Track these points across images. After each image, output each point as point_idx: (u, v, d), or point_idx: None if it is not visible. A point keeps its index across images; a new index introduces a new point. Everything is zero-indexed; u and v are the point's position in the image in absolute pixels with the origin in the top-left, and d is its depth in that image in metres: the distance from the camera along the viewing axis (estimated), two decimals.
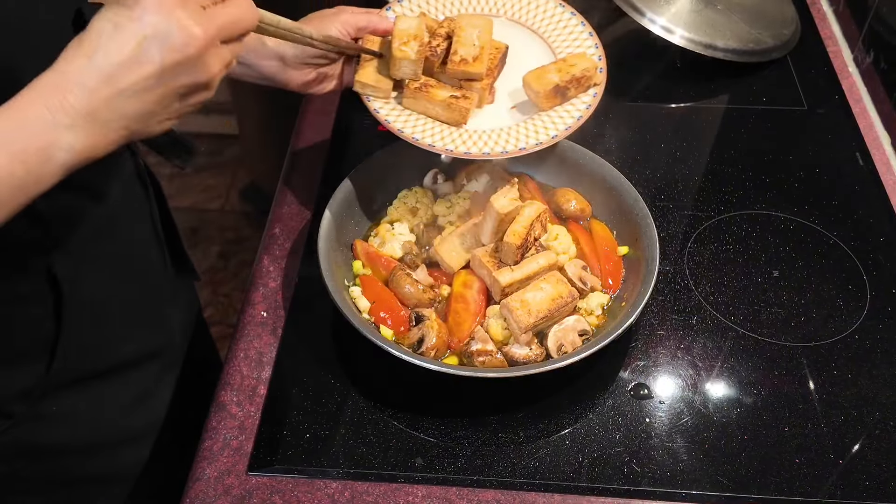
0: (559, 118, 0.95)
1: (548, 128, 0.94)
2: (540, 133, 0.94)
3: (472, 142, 0.93)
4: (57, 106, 0.59)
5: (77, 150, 0.60)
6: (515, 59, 1.01)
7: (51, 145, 0.59)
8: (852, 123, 1.24)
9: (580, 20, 1.02)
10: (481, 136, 0.94)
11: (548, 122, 0.95)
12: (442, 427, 0.87)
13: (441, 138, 0.93)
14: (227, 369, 0.93)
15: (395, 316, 0.91)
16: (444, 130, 0.94)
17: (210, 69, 0.63)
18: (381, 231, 1.01)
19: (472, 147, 0.93)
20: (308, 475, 0.83)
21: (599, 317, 0.93)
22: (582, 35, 1.02)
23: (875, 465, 0.84)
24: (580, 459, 0.84)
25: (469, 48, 0.95)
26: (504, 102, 0.99)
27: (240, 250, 2.45)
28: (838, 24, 1.44)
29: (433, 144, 0.92)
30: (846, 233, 1.08)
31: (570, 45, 1.01)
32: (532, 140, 0.93)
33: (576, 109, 0.96)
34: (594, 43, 1.00)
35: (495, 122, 0.97)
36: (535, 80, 0.95)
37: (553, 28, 1.03)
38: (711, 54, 1.27)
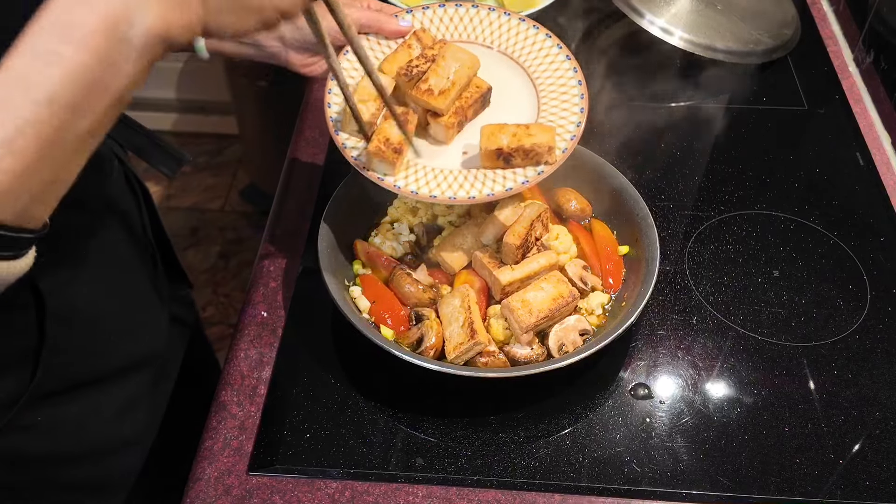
0: (491, 182, 0.88)
1: (474, 186, 0.88)
2: (462, 189, 0.87)
3: (413, 179, 0.89)
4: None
5: (150, 28, 0.53)
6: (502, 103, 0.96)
7: (121, 22, 0.52)
8: (853, 123, 1.24)
9: (578, 79, 0.94)
10: (425, 173, 0.90)
11: (481, 180, 0.89)
12: (442, 427, 0.87)
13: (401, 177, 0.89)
14: (228, 369, 0.93)
15: (395, 316, 0.91)
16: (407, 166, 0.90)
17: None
18: (381, 230, 1.01)
19: (409, 184, 0.88)
20: (308, 475, 0.83)
21: (600, 316, 0.93)
22: (574, 106, 0.93)
23: (875, 465, 0.84)
24: (580, 459, 0.84)
25: (441, 80, 0.90)
26: (461, 145, 0.93)
27: (240, 250, 2.45)
28: (838, 23, 1.44)
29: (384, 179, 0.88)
30: (846, 233, 1.08)
31: (557, 111, 0.93)
32: (448, 193, 0.87)
33: (510, 181, 0.88)
34: (578, 121, 0.91)
35: (442, 163, 0.91)
36: (486, 137, 0.88)
37: (552, 84, 0.96)
38: (711, 55, 1.27)
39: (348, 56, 0.96)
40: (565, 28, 1.39)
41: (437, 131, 0.92)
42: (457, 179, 0.89)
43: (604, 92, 1.29)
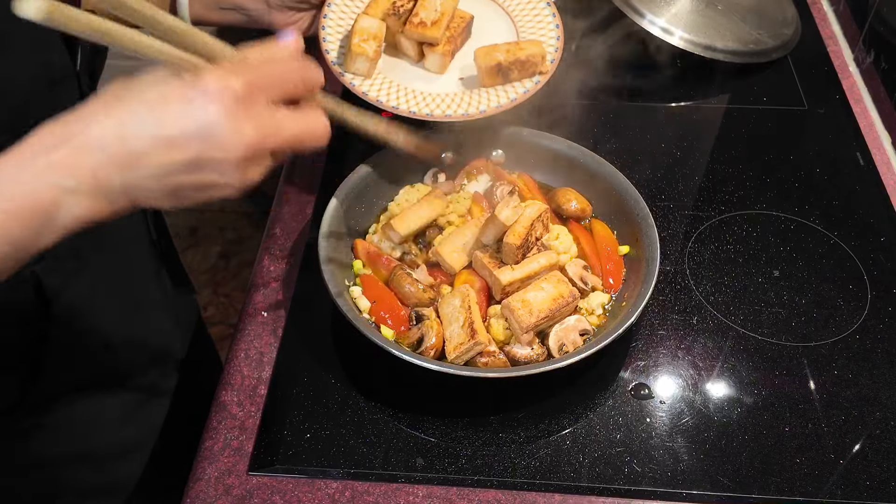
0: (496, 96, 0.99)
1: (481, 102, 0.98)
2: (472, 105, 0.98)
3: (423, 103, 0.98)
4: (65, 163, 0.54)
5: (78, 215, 0.56)
6: (481, 33, 1.06)
7: (53, 207, 0.54)
8: (853, 123, 1.24)
9: (552, 10, 1.06)
10: (431, 98, 0.99)
11: (484, 97, 0.99)
12: (442, 427, 0.87)
13: (390, 97, 0.97)
14: (228, 369, 0.92)
15: (395, 316, 0.91)
16: (401, 91, 0.99)
17: (245, 177, 0.58)
18: (381, 229, 1.01)
19: (421, 108, 0.97)
20: (309, 475, 0.83)
21: (600, 316, 0.93)
22: (549, 24, 1.05)
23: (876, 465, 0.84)
24: (581, 459, 0.84)
25: (430, 12, 0.98)
26: (456, 72, 1.04)
27: (240, 250, 2.45)
28: (839, 23, 1.44)
29: (380, 100, 0.96)
30: (847, 233, 1.08)
31: (535, 31, 1.05)
32: (460, 110, 0.97)
33: (514, 91, 0.99)
34: (557, 35, 1.04)
35: (441, 89, 1.01)
36: (482, 56, 0.98)
37: (523, 10, 1.07)
38: (711, 56, 1.27)
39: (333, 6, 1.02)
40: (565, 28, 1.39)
41: (433, 62, 1.01)
42: (461, 97, 0.99)
43: (604, 91, 1.29)
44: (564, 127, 1.10)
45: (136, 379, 0.94)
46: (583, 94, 1.28)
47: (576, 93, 1.29)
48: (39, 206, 0.54)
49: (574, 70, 1.34)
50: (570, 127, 1.12)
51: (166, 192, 0.58)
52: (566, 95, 1.27)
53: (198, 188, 0.58)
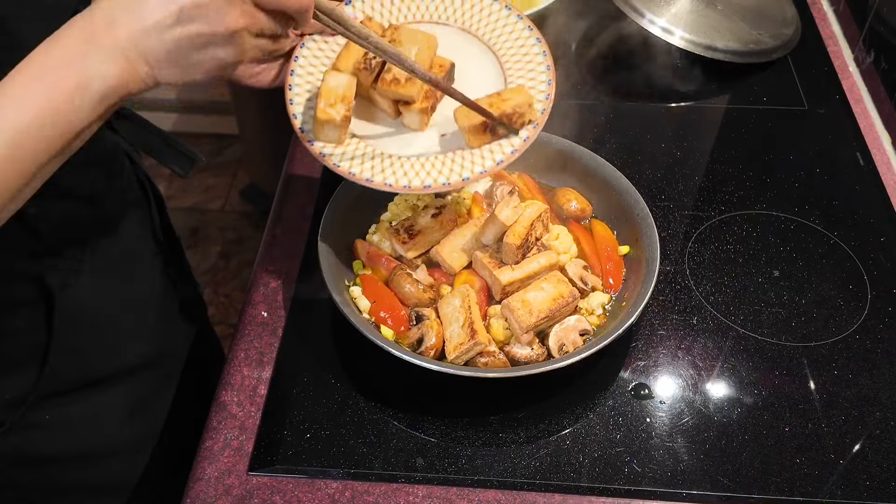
0: (480, 158, 0.87)
1: (464, 168, 0.86)
2: (454, 172, 0.86)
3: (401, 172, 0.87)
4: (88, 38, 0.61)
5: (109, 81, 0.62)
6: (464, 77, 0.93)
7: (84, 74, 0.61)
8: (853, 123, 1.24)
9: (537, 37, 0.92)
10: (409, 165, 0.88)
11: (468, 159, 0.87)
12: (442, 427, 0.87)
13: (364, 167, 0.87)
14: (228, 369, 0.93)
15: (395, 316, 0.91)
16: (375, 160, 0.88)
17: (226, 21, 0.63)
18: (380, 229, 1.01)
19: (398, 178, 0.86)
20: (308, 475, 0.83)
21: (600, 316, 0.93)
22: (537, 57, 0.92)
23: (876, 465, 0.84)
24: (581, 459, 0.84)
25: None
26: (437, 127, 0.92)
27: (240, 250, 2.45)
28: (839, 23, 1.44)
29: (352, 172, 0.87)
30: (847, 233, 1.08)
31: (523, 71, 0.91)
32: (441, 178, 0.86)
33: (500, 152, 0.87)
34: (548, 78, 0.90)
35: (421, 148, 0.90)
36: (462, 117, 0.87)
37: (509, 46, 0.94)
38: (711, 55, 1.27)
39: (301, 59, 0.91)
40: (566, 28, 1.40)
41: (411, 119, 0.90)
42: (442, 162, 0.87)
43: (604, 91, 1.29)
44: (564, 127, 1.10)
45: (141, 377, 0.94)
46: (583, 94, 1.29)
47: (576, 93, 1.29)
48: (74, 76, 0.61)
49: (574, 70, 1.34)
50: (570, 127, 1.12)
51: (171, 53, 0.63)
52: (566, 95, 1.27)
53: (193, 43, 0.63)
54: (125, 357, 0.92)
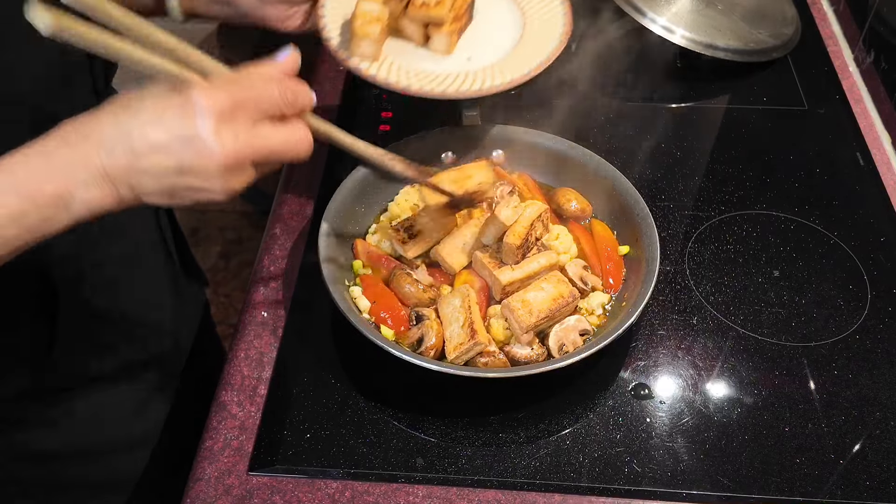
0: (510, 71, 0.96)
1: (495, 77, 0.95)
2: (485, 81, 0.95)
3: (427, 81, 0.94)
4: (82, 160, 0.61)
5: (89, 204, 0.62)
6: (484, 15, 1.03)
7: (67, 194, 0.61)
8: (853, 123, 1.24)
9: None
10: (442, 77, 0.96)
11: (498, 72, 0.96)
12: (442, 427, 0.87)
13: (400, 78, 0.94)
14: (228, 369, 0.92)
15: (395, 316, 0.91)
16: (410, 72, 0.95)
17: (225, 185, 0.64)
18: (381, 229, 1.01)
19: (434, 87, 0.93)
20: (309, 475, 0.83)
21: (600, 316, 0.93)
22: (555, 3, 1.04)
23: (876, 465, 0.84)
24: (581, 459, 0.84)
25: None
26: (463, 52, 1.00)
27: (240, 250, 2.45)
28: (839, 23, 1.44)
29: (398, 82, 0.93)
30: (847, 233, 1.08)
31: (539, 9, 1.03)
32: (475, 85, 0.94)
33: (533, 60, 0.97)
34: (563, 11, 1.04)
35: (450, 68, 0.98)
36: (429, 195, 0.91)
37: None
38: (712, 54, 1.27)
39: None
40: None
41: (439, 42, 0.98)
42: (473, 75, 0.95)
43: (604, 91, 1.29)
44: (564, 127, 1.10)
45: (143, 374, 0.95)
46: (583, 94, 1.28)
47: (576, 92, 1.29)
48: (56, 192, 0.61)
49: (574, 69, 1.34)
50: (571, 127, 1.12)
51: (163, 191, 0.64)
52: (566, 95, 1.27)
53: (188, 190, 0.64)
54: (129, 354, 0.92)
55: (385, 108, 1.23)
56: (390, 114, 1.22)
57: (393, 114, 1.22)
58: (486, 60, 0.99)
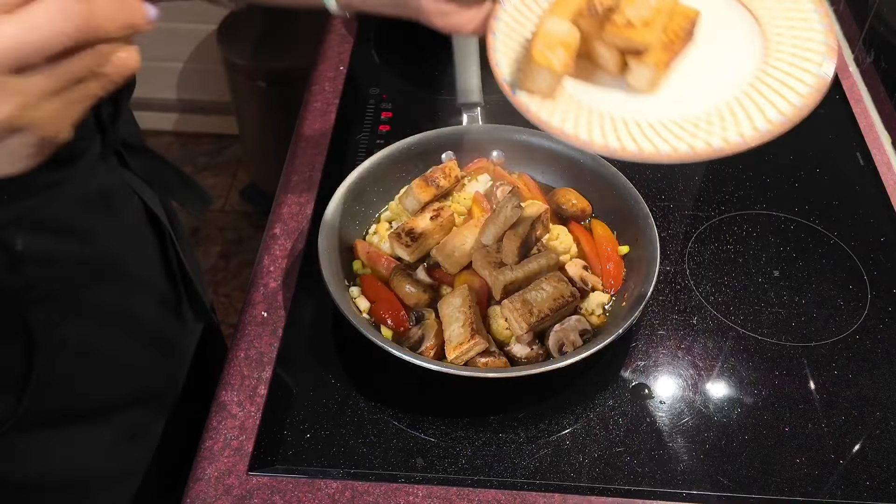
0: (733, 123, 0.65)
1: (712, 132, 0.64)
2: (698, 137, 0.64)
3: (613, 133, 0.67)
4: None
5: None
6: (711, 38, 0.73)
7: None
8: (853, 123, 1.24)
9: (816, 5, 0.74)
10: (627, 125, 0.68)
11: (717, 125, 0.65)
12: (442, 427, 0.87)
13: (580, 125, 0.68)
14: (228, 369, 0.92)
15: (395, 316, 0.91)
16: (594, 118, 0.69)
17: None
18: (380, 229, 1.01)
19: (610, 139, 0.66)
20: (309, 475, 0.83)
21: (600, 316, 0.93)
22: (814, 22, 0.73)
23: (876, 466, 0.84)
24: (581, 459, 0.84)
25: (640, 8, 0.68)
26: (670, 90, 0.71)
27: (240, 250, 2.45)
28: (839, 23, 1.44)
29: (577, 134, 0.67)
30: (847, 233, 1.08)
31: (790, 33, 0.73)
32: (682, 145, 0.64)
33: (770, 113, 0.65)
34: (824, 38, 0.71)
35: (649, 114, 0.69)
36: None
37: (773, 7, 0.74)
38: None
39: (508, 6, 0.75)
40: None
41: (639, 76, 0.69)
42: (680, 127, 0.66)
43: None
44: None
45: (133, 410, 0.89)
46: None
47: None
48: None
49: None
50: None
51: None
52: None
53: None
54: (116, 392, 0.86)
55: (385, 108, 1.23)
56: (390, 114, 1.22)
57: (393, 114, 1.22)
58: (705, 103, 0.68)
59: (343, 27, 1.40)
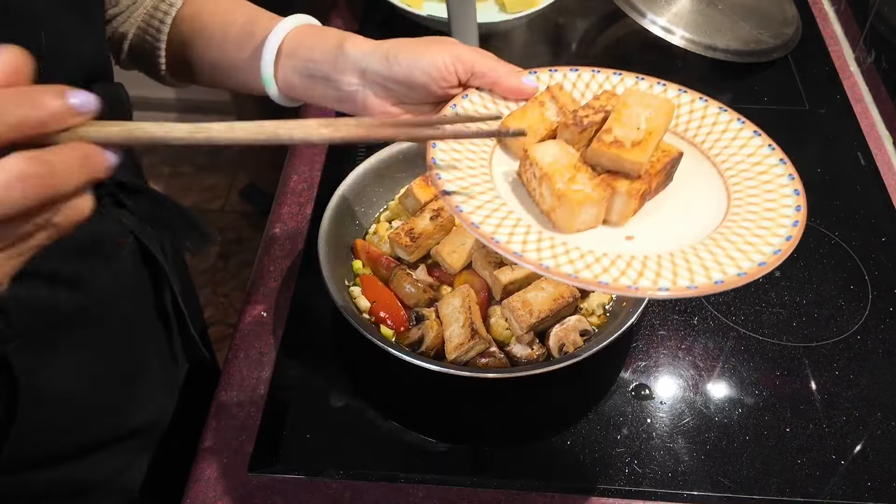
0: (700, 265, 0.58)
1: (678, 274, 0.57)
2: (661, 276, 0.57)
3: (572, 263, 0.58)
4: None
5: None
6: (683, 184, 0.69)
7: None
8: (854, 123, 1.24)
9: (780, 157, 0.72)
10: (583, 256, 0.60)
11: (682, 264, 0.58)
12: (442, 427, 0.87)
13: (534, 244, 0.60)
14: (228, 369, 0.92)
15: (395, 316, 0.91)
16: (538, 234, 0.61)
17: None
18: (380, 229, 1.01)
19: (568, 267, 0.58)
20: (308, 475, 0.83)
21: (601, 317, 0.93)
22: (778, 179, 0.68)
23: (877, 466, 0.84)
24: (581, 460, 0.84)
25: (630, 128, 0.64)
26: (633, 226, 0.65)
27: (240, 250, 2.45)
28: (840, 23, 1.44)
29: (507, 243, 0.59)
30: (848, 233, 1.07)
31: (757, 195, 0.66)
32: (645, 280, 0.57)
33: (742, 260, 0.58)
34: (793, 216, 0.63)
35: (609, 245, 0.62)
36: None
37: (741, 166, 0.70)
38: (712, 55, 1.27)
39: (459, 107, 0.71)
40: (566, 27, 1.39)
41: (615, 205, 0.64)
42: (641, 262, 0.59)
43: None
44: None
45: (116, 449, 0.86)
46: None
47: None
48: None
49: None
50: None
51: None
52: None
53: None
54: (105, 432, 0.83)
55: None
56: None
57: None
58: (656, 242, 0.62)
59: (342, 27, 1.40)
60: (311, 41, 0.75)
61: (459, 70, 0.70)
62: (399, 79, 0.71)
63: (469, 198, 0.63)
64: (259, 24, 0.78)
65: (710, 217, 0.65)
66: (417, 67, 0.70)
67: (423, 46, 0.71)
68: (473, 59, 0.70)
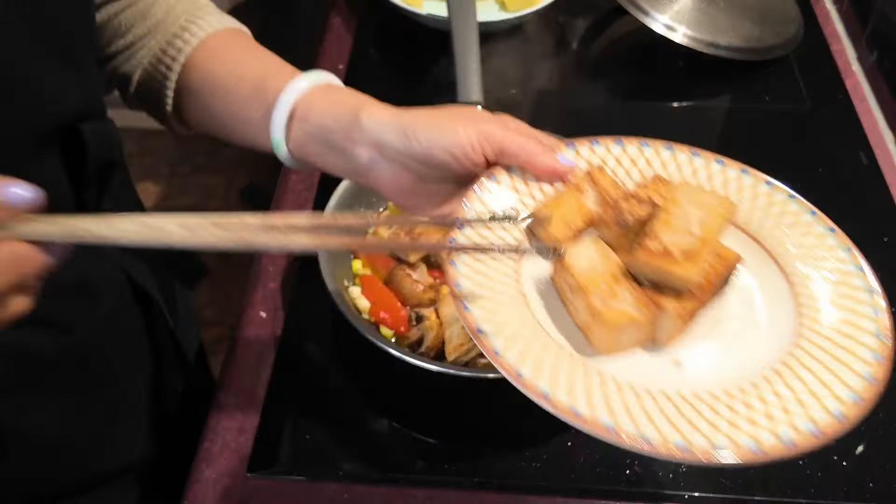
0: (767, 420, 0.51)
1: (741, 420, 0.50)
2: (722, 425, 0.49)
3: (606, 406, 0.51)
4: None
5: None
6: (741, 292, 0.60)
7: None
8: (856, 122, 1.24)
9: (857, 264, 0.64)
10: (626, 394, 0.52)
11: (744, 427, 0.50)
12: (442, 428, 0.86)
13: (563, 383, 0.56)
14: (227, 370, 0.92)
15: (395, 316, 0.91)
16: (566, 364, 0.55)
17: None
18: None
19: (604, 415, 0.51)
20: (308, 477, 0.83)
21: None
22: (860, 306, 0.61)
23: (879, 467, 0.84)
24: (582, 461, 0.84)
25: (680, 234, 0.55)
26: (686, 348, 0.56)
27: None
28: (842, 22, 1.44)
29: (546, 392, 0.56)
30: (849, 232, 1.07)
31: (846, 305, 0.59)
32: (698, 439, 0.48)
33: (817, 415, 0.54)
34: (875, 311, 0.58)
35: (656, 377, 0.53)
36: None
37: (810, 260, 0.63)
38: (714, 52, 1.27)
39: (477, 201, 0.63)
40: (567, 25, 1.39)
41: (661, 324, 0.55)
42: (674, 402, 0.51)
43: (605, 90, 1.29)
44: (564, 126, 1.09)
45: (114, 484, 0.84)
46: (584, 93, 1.28)
47: (577, 92, 1.28)
48: None
49: (575, 68, 1.34)
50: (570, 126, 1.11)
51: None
52: (567, 95, 1.27)
53: None
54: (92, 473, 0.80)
55: None
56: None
57: None
58: (709, 375, 0.54)
59: (342, 27, 1.40)
60: (325, 107, 0.68)
61: (487, 150, 0.63)
62: (418, 156, 0.63)
63: (507, 341, 0.55)
64: (271, 80, 0.70)
65: (775, 337, 0.56)
66: (439, 146, 0.62)
67: (446, 122, 0.63)
68: (503, 137, 0.63)
